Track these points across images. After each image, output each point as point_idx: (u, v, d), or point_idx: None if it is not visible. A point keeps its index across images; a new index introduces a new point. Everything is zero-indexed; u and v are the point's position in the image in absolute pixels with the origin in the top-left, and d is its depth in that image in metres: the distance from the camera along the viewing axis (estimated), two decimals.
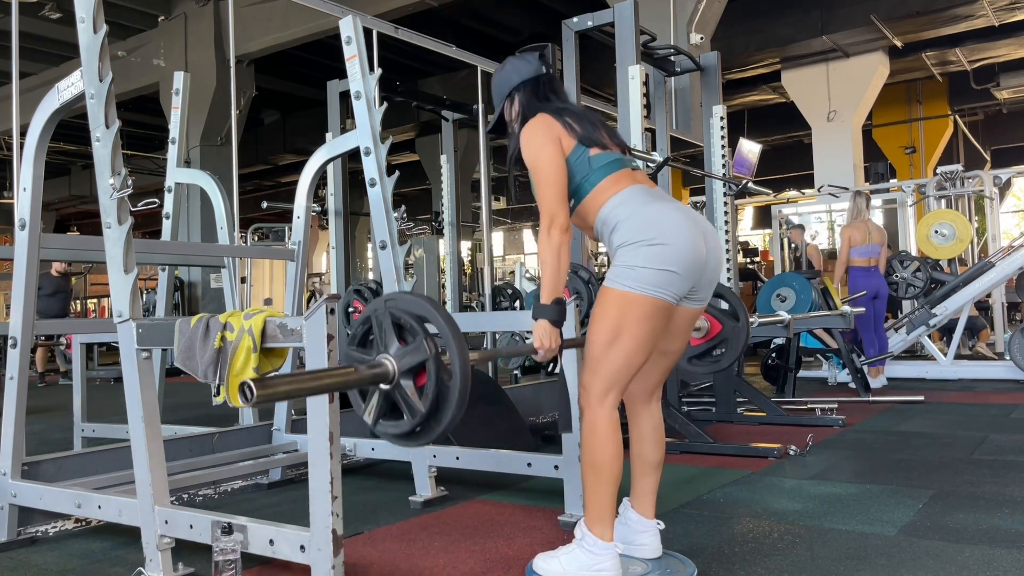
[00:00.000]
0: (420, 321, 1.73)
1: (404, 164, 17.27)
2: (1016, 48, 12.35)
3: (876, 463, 3.53)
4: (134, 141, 16.37)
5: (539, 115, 2.16)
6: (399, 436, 1.78)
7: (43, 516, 2.68)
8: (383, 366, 1.73)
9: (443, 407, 1.69)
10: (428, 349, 1.69)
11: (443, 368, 1.68)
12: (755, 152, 5.76)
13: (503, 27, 12.06)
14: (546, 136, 2.10)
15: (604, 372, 2.01)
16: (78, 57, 2.33)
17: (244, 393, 1.45)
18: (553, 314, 1.99)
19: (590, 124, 2.16)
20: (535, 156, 2.09)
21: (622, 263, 2.00)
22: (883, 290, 6.34)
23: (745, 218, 19.00)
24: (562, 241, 2.00)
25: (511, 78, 2.25)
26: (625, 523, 2.21)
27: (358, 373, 1.69)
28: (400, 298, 1.78)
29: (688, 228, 2.00)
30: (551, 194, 2.04)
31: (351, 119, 4.29)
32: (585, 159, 2.10)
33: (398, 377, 1.73)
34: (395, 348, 1.74)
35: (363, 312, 1.84)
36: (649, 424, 2.24)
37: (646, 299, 1.96)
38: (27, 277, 2.62)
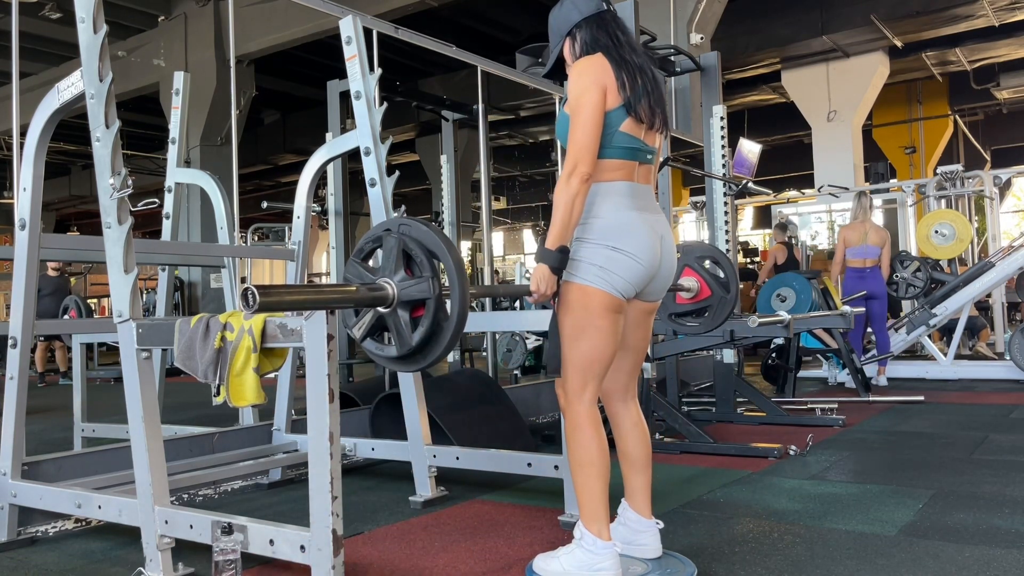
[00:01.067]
0: (430, 256, 1.73)
1: (404, 164, 17.27)
2: (1016, 48, 12.35)
3: (876, 463, 3.53)
4: (134, 141, 16.37)
5: (598, 54, 2.09)
6: (384, 358, 1.82)
7: (43, 516, 2.68)
8: (384, 290, 1.75)
9: (433, 345, 1.72)
10: (432, 288, 1.70)
11: (442, 309, 1.70)
12: (755, 152, 5.76)
13: (503, 27, 12.06)
14: (596, 81, 2.03)
15: (577, 366, 2.04)
16: (78, 57, 2.33)
17: (247, 299, 1.47)
18: (554, 261, 1.99)
19: (645, 93, 2.08)
20: (579, 96, 2.02)
21: (584, 259, 2.03)
22: (878, 291, 6.30)
23: (745, 218, 18.98)
24: (580, 190, 1.98)
25: (571, 15, 2.16)
26: (624, 523, 2.21)
27: (359, 293, 1.72)
28: (415, 226, 1.78)
29: (649, 245, 2.06)
30: (582, 140, 2.00)
31: (351, 119, 4.29)
32: (614, 128, 2.05)
33: (396, 304, 1.75)
34: (400, 276, 1.75)
35: (375, 227, 1.85)
36: (629, 423, 2.25)
37: (604, 293, 2.02)
38: (27, 277, 2.62)
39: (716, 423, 4.73)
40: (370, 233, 1.85)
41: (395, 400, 3.30)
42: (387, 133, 3.17)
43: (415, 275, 1.75)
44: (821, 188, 10.30)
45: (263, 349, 2.01)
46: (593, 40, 2.12)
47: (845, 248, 6.37)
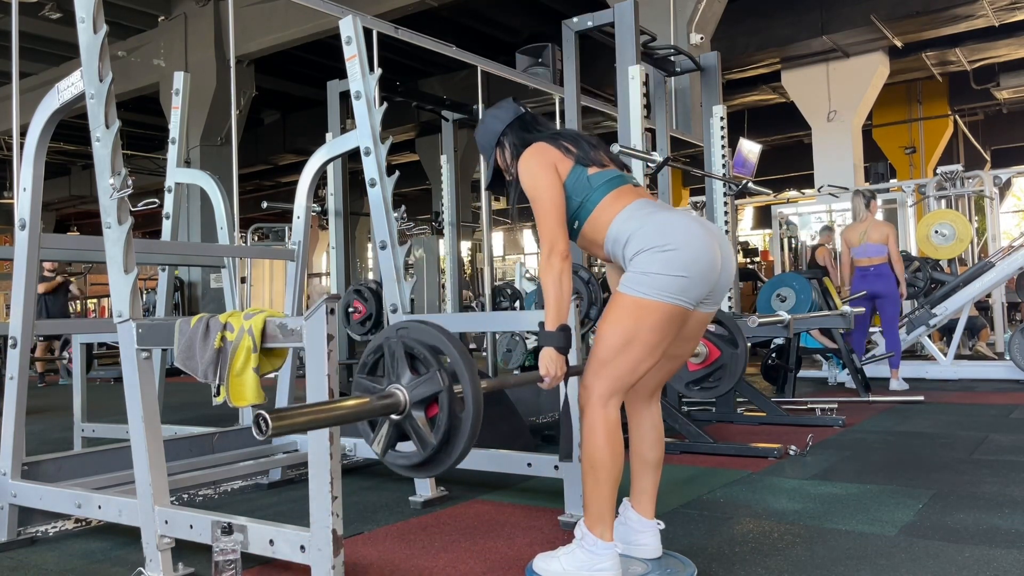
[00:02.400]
0: (433, 351, 1.71)
1: (404, 164, 17.27)
2: (1016, 48, 12.36)
3: (876, 463, 3.53)
4: (134, 141, 16.38)
5: (534, 144, 2.16)
6: (409, 467, 1.77)
7: (43, 516, 2.68)
8: (394, 396, 1.72)
9: (455, 439, 1.68)
10: (441, 381, 1.68)
11: (456, 400, 1.67)
12: (755, 152, 5.76)
13: (503, 27, 12.07)
14: (541, 163, 2.10)
15: (610, 376, 2.00)
16: (78, 57, 2.33)
17: (259, 425, 1.45)
18: (559, 341, 1.98)
19: (586, 144, 2.17)
20: (533, 184, 2.08)
21: (636, 269, 1.98)
22: (883, 290, 6.10)
23: (745, 218, 18.99)
24: (563, 268, 2.00)
25: (494, 126, 2.25)
26: (625, 523, 2.21)
27: (370, 403, 1.68)
28: (413, 327, 1.76)
29: (700, 234, 2.00)
30: (550, 221, 2.04)
31: (351, 119, 4.29)
32: (584, 179, 2.10)
33: (409, 408, 1.71)
34: (407, 378, 1.73)
35: (375, 339, 1.83)
36: (649, 424, 2.24)
37: (661, 305, 1.95)
38: (27, 277, 2.62)
39: (716, 423, 4.73)
40: (370, 346, 1.83)
41: None
42: (387, 133, 3.17)
43: (421, 373, 1.72)
44: (821, 188, 10.30)
45: (263, 349, 2.01)
46: (521, 140, 2.21)
47: (849, 248, 6.27)
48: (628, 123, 4.33)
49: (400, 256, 3.12)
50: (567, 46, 4.61)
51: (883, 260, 6.10)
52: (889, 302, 6.13)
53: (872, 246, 6.12)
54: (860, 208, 6.31)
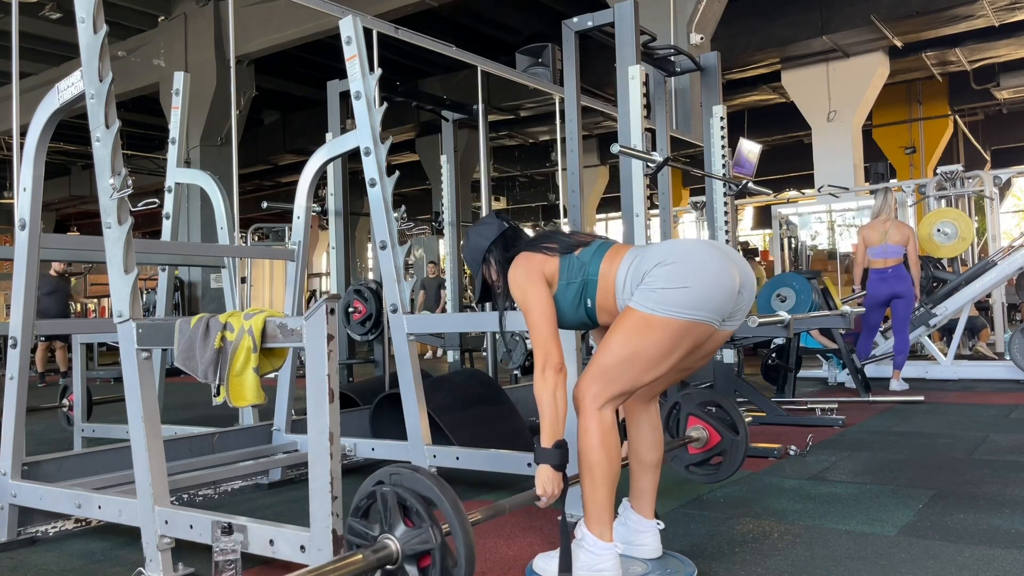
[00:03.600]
0: (426, 503, 1.70)
1: (404, 164, 17.28)
2: (1016, 48, 12.36)
3: (876, 463, 3.53)
4: (134, 141, 16.38)
5: (517, 256, 2.17)
6: None
7: (43, 516, 2.68)
8: (387, 548, 1.71)
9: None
10: (434, 537, 1.67)
11: (448, 555, 1.66)
12: (755, 152, 5.76)
13: (503, 27, 12.07)
14: (528, 272, 2.11)
15: (609, 385, 1.99)
16: (78, 57, 2.33)
17: None
18: (555, 459, 1.96)
19: (562, 236, 2.20)
20: (523, 296, 2.09)
21: (646, 286, 1.97)
22: (903, 290, 5.97)
23: (745, 218, 18.99)
24: (558, 382, 1.98)
25: (480, 243, 2.27)
26: (625, 523, 2.21)
27: (364, 561, 1.67)
28: (406, 475, 1.75)
29: (704, 247, 2.00)
30: (543, 332, 2.03)
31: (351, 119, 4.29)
32: (575, 262, 2.11)
33: (402, 560, 1.71)
34: (400, 529, 1.72)
35: (367, 482, 1.81)
36: (647, 425, 2.24)
37: (668, 321, 1.93)
38: (27, 277, 2.62)
39: None
40: (363, 489, 1.82)
41: (395, 400, 3.29)
42: (387, 133, 3.17)
43: (415, 525, 1.72)
44: (821, 188, 10.30)
45: (263, 349, 2.01)
46: (504, 258, 2.23)
47: (865, 248, 6.09)
48: (628, 123, 4.33)
49: (400, 256, 3.12)
50: (567, 46, 4.61)
51: (898, 262, 5.98)
52: (906, 302, 6.03)
53: (892, 247, 5.98)
54: (887, 207, 6.12)
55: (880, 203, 6.20)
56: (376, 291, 5.36)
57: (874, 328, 6.20)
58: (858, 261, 6.22)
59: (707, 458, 2.85)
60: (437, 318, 4.31)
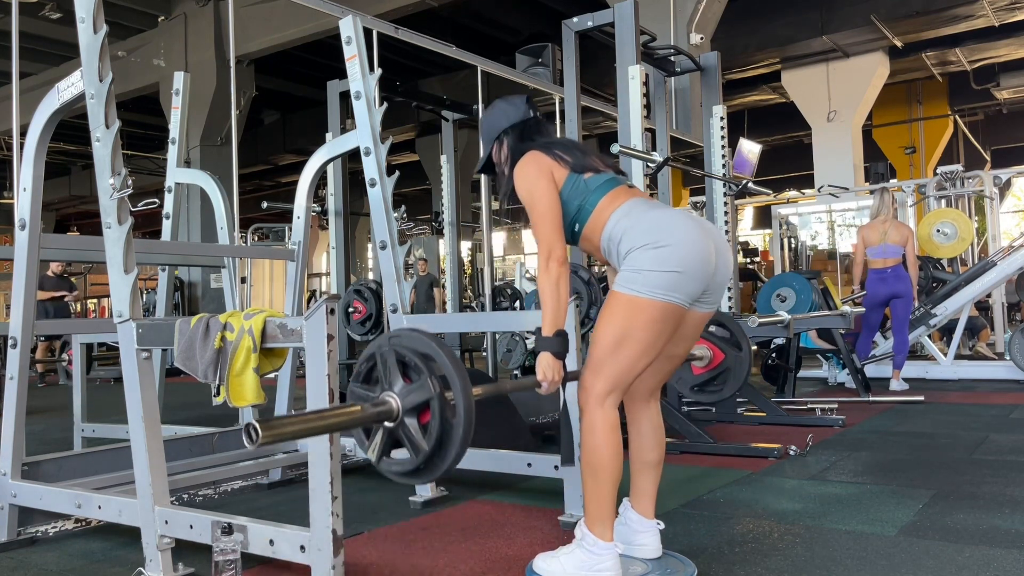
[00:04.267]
0: (424, 359, 1.72)
1: (404, 164, 17.29)
2: (1016, 48, 12.36)
3: (876, 463, 3.53)
4: (134, 141, 16.39)
5: (529, 153, 2.18)
6: (403, 474, 1.78)
7: (43, 516, 2.68)
8: (387, 404, 1.73)
9: (447, 445, 1.69)
10: (432, 388, 1.69)
11: (447, 406, 1.68)
12: (755, 152, 5.77)
13: (503, 27, 12.07)
14: (538, 171, 2.12)
15: (607, 375, 2.01)
16: (78, 57, 2.33)
17: (249, 435, 1.45)
18: (556, 346, 1.99)
19: (579, 152, 2.19)
20: (529, 192, 2.11)
21: (628, 268, 2.00)
22: (902, 290, 5.96)
23: (745, 218, 19.00)
24: (560, 273, 2.01)
25: (499, 122, 2.27)
26: (625, 523, 2.21)
27: (363, 412, 1.69)
28: (404, 335, 1.77)
29: (693, 230, 2.00)
30: (547, 227, 2.06)
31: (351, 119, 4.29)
32: (581, 183, 2.12)
33: (402, 415, 1.73)
34: (399, 386, 1.74)
35: (368, 347, 1.84)
36: (648, 425, 2.24)
37: (654, 303, 1.96)
38: (27, 277, 2.62)
39: (716, 423, 4.73)
40: (364, 354, 1.84)
41: None
42: (387, 133, 3.17)
43: (414, 380, 1.74)
44: (821, 188, 10.30)
45: (263, 349, 2.01)
46: (517, 148, 2.23)
47: (865, 248, 6.08)
48: (628, 123, 4.33)
49: (400, 256, 3.12)
50: (567, 46, 4.61)
51: (898, 262, 5.98)
52: (905, 302, 6.03)
53: (892, 247, 5.97)
54: (885, 206, 6.11)
55: (878, 203, 6.18)
56: (376, 291, 5.36)
57: (873, 328, 6.20)
58: (858, 261, 6.22)
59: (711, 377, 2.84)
60: (437, 318, 4.32)
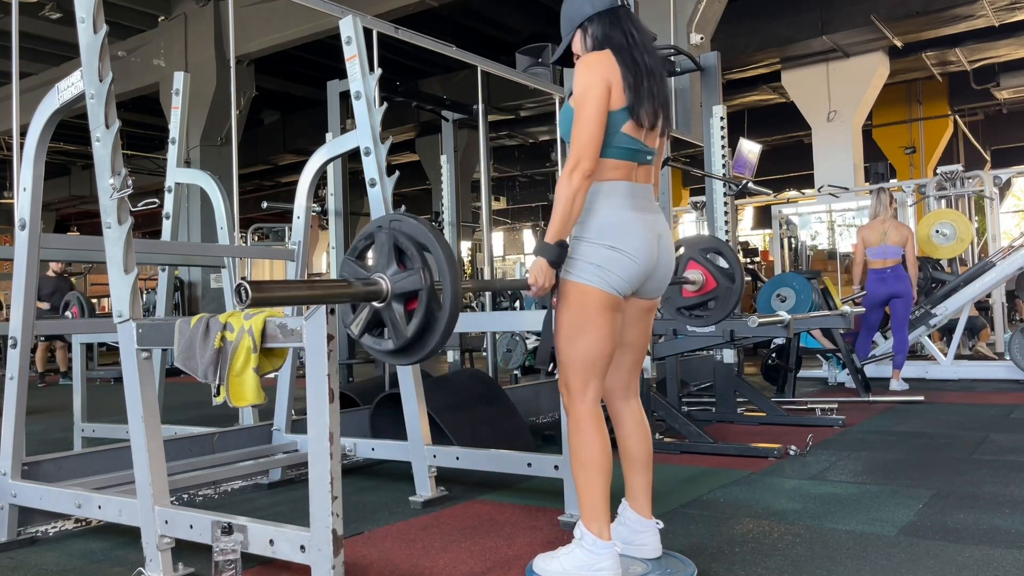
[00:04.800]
0: (420, 248, 1.76)
1: (404, 164, 17.27)
2: (1016, 48, 12.36)
3: (876, 463, 3.53)
4: (134, 141, 16.37)
5: (606, 51, 2.06)
6: (381, 352, 1.85)
7: (43, 516, 2.68)
8: (377, 284, 1.78)
9: (428, 335, 1.75)
10: (424, 279, 1.73)
11: (435, 298, 1.73)
12: (755, 152, 5.77)
13: (503, 27, 12.06)
14: (602, 78, 2.01)
15: (577, 365, 2.04)
16: (78, 57, 2.33)
17: (239, 293, 1.49)
18: (553, 255, 2.00)
19: (647, 93, 2.05)
20: (584, 92, 2.00)
21: (581, 257, 2.03)
22: (902, 290, 5.98)
23: (745, 218, 18.99)
24: (581, 186, 1.97)
25: (584, 7, 2.13)
26: (624, 523, 2.21)
27: (352, 287, 1.75)
28: (405, 221, 1.81)
29: (646, 242, 2.05)
30: (585, 135, 1.98)
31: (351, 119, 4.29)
32: (616, 129, 2.03)
33: (390, 298, 1.78)
34: (392, 270, 1.79)
35: (368, 225, 1.88)
36: (631, 421, 2.24)
37: (601, 292, 2.02)
38: (27, 277, 2.62)
39: (716, 423, 4.73)
40: (364, 230, 1.88)
41: (395, 400, 3.30)
42: (387, 133, 3.17)
43: (407, 267, 1.78)
44: (821, 188, 10.30)
45: (263, 349, 2.01)
46: (605, 36, 2.09)
47: (864, 248, 6.10)
48: None
49: None
50: None
51: (897, 262, 5.99)
52: (904, 302, 6.04)
53: (891, 247, 5.99)
54: (882, 206, 6.12)
55: (876, 204, 6.20)
56: None
57: (873, 328, 6.20)
58: (858, 261, 6.23)
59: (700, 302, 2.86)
60: None
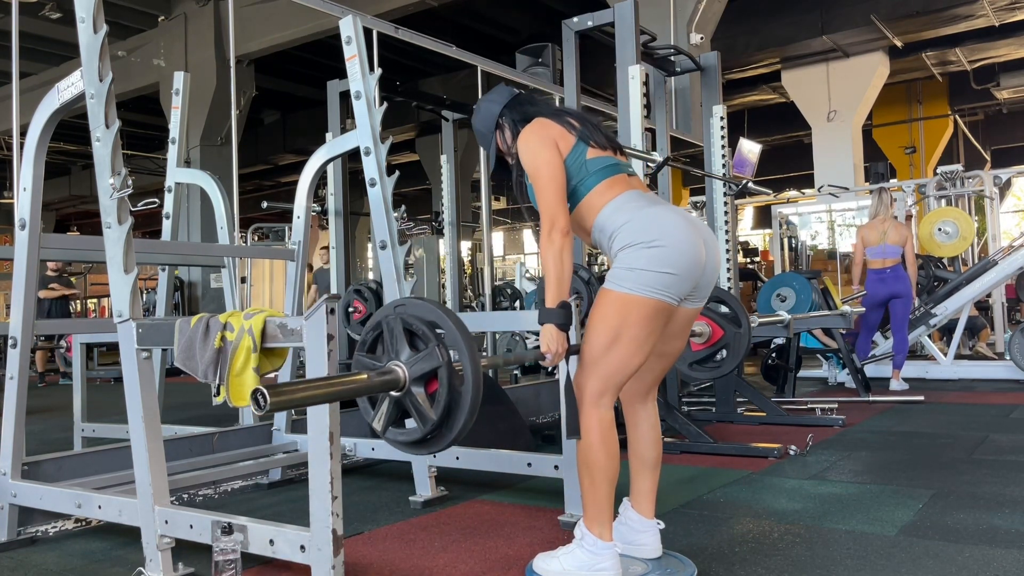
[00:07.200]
0: (431, 327, 1.70)
1: (404, 164, 17.27)
2: (1016, 48, 12.36)
3: (876, 463, 3.53)
4: (134, 141, 16.37)
5: (536, 119, 2.15)
6: (410, 444, 1.76)
7: (43, 516, 2.68)
8: (394, 372, 1.71)
9: (455, 414, 1.68)
10: (440, 356, 1.67)
11: (455, 375, 1.66)
12: (755, 152, 5.76)
13: (503, 27, 12.07)
14: (543, 138, 2.09)
15: (601, 374, 2.00)
16: (78, 57, 2.33)
17: (257, 400, 1.43)
18: (559, 318, 1.97)
19: (590, 124, 2.16)
20: (533, 159, 2.07)
21: (622, 265, 1.99)
22: (902, 290, 5.99)
23: (745, 218, 19.00)
24: (564, 244, 1.99)
25: (492, 109, 2.24)
26: (625, 523, 2.21)
27: (369, 380, 1.67)
28: (411, 303, 1.76)
29: (687, 230, 2.00)
30: (551, 196, 2.03)
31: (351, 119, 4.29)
32: (582, 162, 2.09)
33: (409, 384, 1.71)
34: (406, 354, 1.72)
35: (373, 316, 1.82)
36: (646, 424, 2.24)
37: (646, 300, 1.96)
38: (27, 277, 2.62)
39: (716, 423, 4.73)
40: (369, 323, 1.82)
41: None
42: (387, 133, 3.17)
43: (420, 349, 1.72)
44: (821, 188, 10.30)
45: (263, 349, 2.01)
46: (523, 115, 2.19)
47: (864, 248, 6.10)
48: (628, 123, 4.33)
49: (400, 256, 3.12)
50: (567, 46, 4.61)
51: (897, 262, 5.99)
52: (904, 302, 6.04)
53: (891, 247, 5.98)
54: (883, 206, 6.12)
55: (876, 203, 6.20)
56: (376, 291, 5.35)
57: (873, 328, 6.20)
58: (857, 261, 6.23)
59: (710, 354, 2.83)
60: None
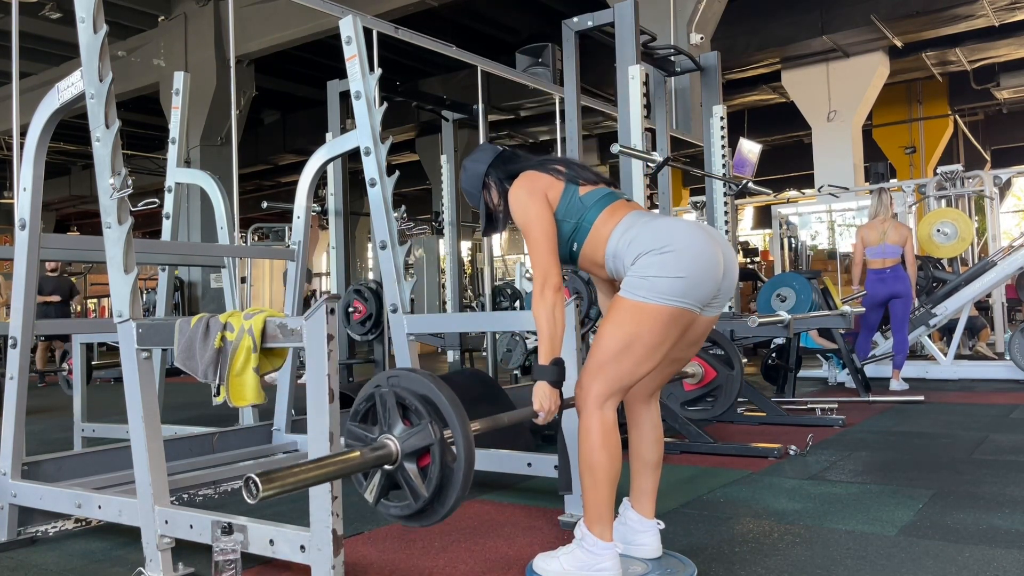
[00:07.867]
0: (424, 401, 1.70)
1: (404, 164, 17.28)
2: (1016, 48, 12.36)
3: (876, 463, 3.53)
4: (134, 141, 16.38)
5: (522, 174, 2.15)
6: (402, 517, 1.76)
7: (43, 516, 2.68)
8: (386, 447, 1.71)
9: (447, 490, 1.67)
10: (433, 433, 1.66)
11: (447, 451, 1.66)
12: (755, 152, 5.76)
13: (503, 27, 12.07)
14: (531, 192, 2.09)
15: (608, 378, 1.99)
16: (78, 57, 2.33)
17: (250, 489, 1.44)
18: (552, 375, 1.96)
19: (575, 165, 2.18)
20: (523, 215, 2.07)
21: (635, 274, 1.97)
22: (902, 290, 5.99)
23: (745, 218, 19.00)
24: (556, 301, 1.99)
25: (477, 169, 2.24)
26: (625, 523, 2.21)
27: (362, 457, 1.67)
28: (403, 376, 1.75)
29: (698, 235, 1.99)
30: (542, 251, 2.03)
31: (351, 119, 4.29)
32: (577, 200, 2.09)
33: (401, 459, 1.70)
34: (399, 429, 1.72)
35: (366, 387, 1.81)
36: (648, 424, 2.24)
37: (661, 308, 1.94)
38: (27, 277, 2.62)
39: (716, 423, 4.73)
40: (362, 394, 1.82)
41: None
42: (387, 133, 3.17)
43: (413, 423, 1.71)
44: (821, 188, 10.30)
45: (263, 349, 2.01)
46: (507, 173, 2.20)
47: (864, 248, 6.09)
48: (628, 123, 4.33)
49: (400, 256, 3.12)
50: (567, 46, 4.61)
51: (896, 262, 5.99)
52: (904, 302, 6.04)
53: (891, 247, 5.98)
54: (883, 206, 6.11)
55: (876, 204, 6.20)
56: (376, 291, 5.36)
57: (872, 328, 6.20)
58: (857, 261, 6.23)
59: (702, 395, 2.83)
60: (438, 318, 4.32)
